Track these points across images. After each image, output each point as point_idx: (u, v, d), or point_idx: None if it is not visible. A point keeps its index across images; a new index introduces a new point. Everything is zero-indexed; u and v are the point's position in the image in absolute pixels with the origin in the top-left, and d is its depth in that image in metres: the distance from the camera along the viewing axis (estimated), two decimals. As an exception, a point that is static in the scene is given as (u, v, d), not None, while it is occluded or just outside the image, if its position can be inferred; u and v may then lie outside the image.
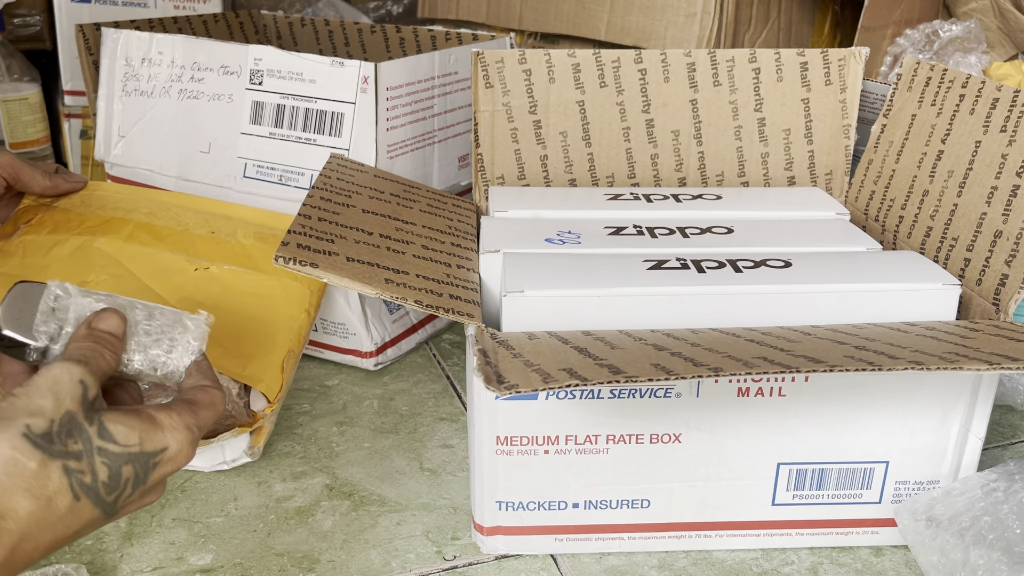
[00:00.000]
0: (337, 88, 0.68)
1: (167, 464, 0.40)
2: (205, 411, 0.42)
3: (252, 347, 0.60)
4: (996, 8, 0.97)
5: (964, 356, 0.43)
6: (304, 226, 0.50)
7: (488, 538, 0.53)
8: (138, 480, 0.38)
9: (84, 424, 0.37)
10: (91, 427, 0.37)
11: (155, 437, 0.39)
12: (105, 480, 0.37)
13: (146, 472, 0.39)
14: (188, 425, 0.41)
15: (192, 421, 0.41)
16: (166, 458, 0.39)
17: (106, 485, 0.37)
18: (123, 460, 0.38)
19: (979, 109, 0.58)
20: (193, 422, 0.41)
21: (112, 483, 0.37)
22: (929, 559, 0.49)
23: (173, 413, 0.40)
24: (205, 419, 0.42)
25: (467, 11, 1.11)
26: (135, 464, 0.38)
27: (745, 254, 0.56)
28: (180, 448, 0.40)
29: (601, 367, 0.42)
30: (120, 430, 0.38)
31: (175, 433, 0.40)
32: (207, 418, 0.42)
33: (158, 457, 0.39)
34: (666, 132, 0.71)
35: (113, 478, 0.37)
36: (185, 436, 0.40)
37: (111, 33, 0.77)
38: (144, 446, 0.39)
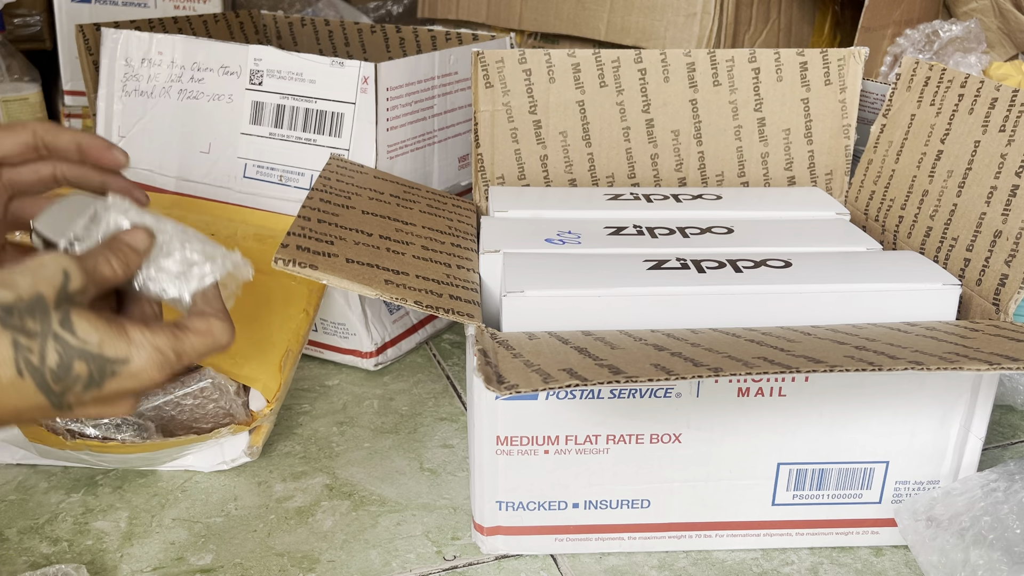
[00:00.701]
0: (337, 88, 0.68)
1: (127, 378, 0.38)
2: (193, 338, 0.40)
3: (250, 347, 0.60)
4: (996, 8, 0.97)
5: (964, 356, 0.43)
6: (303, 227, 0.50)
7: (488, 538, 0.53)
8: (91, 382, 0.37)
9: (50, 309, 0.36)
10: (55, 313, 0.36)
11: (117, 345, 0.37)
12: (53, 367, 0.36)
13: (101, 376, 0.37)
14: (159, 347, 0.39)
15: (167, 344, 0.39)
16: (126, 371, 0.38)
17: (54, 373, 0.36)
18: (76, 354, 0.36)
19: (978, 109, 0.58)
20: (168, 345, 0.39)
21: (60, 373, 0.36)
22: (929, 559, 0.49)
23: (147, 331, 0.39)
24: (191, 347, 0.40)
25: (467, 11, 1.11)
26: (89, 363, 0.37)
27: (745, 254, 0.56)
28: (144, 367, 0.38)
29: (601, 367, 0.42)
30: (83, 325, 0.37)
31: (141, 349, 0.38)
32: (194, 346, 0.40)
33: (117, 367, 0.37)
34: (666, 132, 0.71)
35: (62, 368, 0.36)
36: (151, 356, 0.38)
37: (111, 33, 0.77)
38: (103, 349, 0.37)
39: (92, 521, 0.56)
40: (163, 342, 0.39)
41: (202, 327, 0.41)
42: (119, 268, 0.41)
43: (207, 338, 0.41)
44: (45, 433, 0.54)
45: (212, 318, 0.42)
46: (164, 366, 0.39)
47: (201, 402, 0.59)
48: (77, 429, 0.57)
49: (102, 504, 0.57)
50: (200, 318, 0.42)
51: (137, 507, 0.57)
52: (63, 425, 0.57)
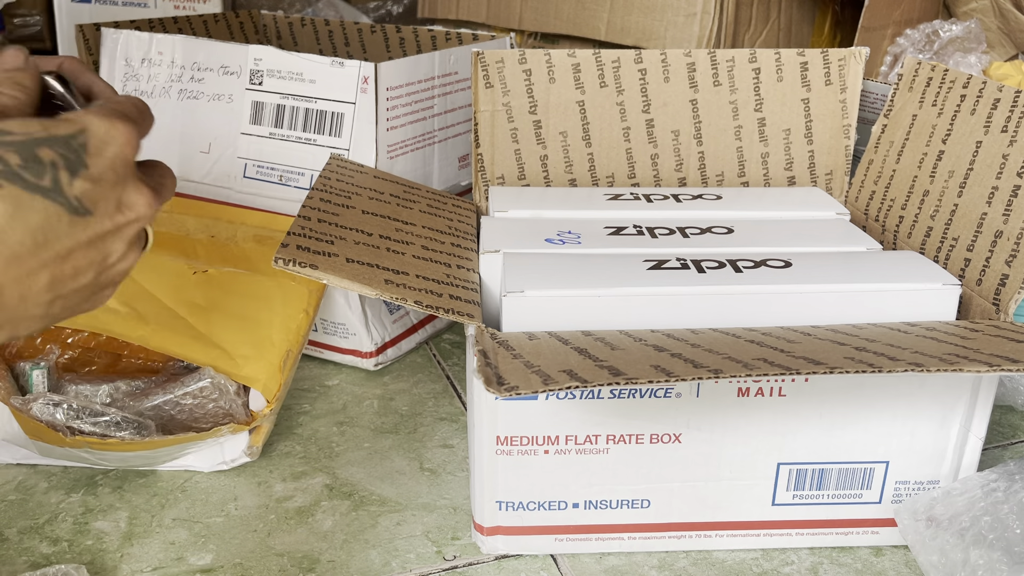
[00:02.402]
0: (337, 88, 0.68)
1: (106, 146, 0.34)
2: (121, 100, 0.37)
3: (249, 348, 0.60)
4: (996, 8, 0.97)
5: (964, 357, 0.43)
6: (304, 227, 0.50)
7: (488, 538, 0.53)
8: (71, 163, 0.33)
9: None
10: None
11: (61, 125, 0.34)
12: (19, 162, 0.32)
13: (76, 154, 0.33)
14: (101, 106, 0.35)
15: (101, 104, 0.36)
16: (94, 137, 0.34)
17: (25, 168, 0.32)
18: (32, 144, 0.32)
19: (980, 109, 0.58)
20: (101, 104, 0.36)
21: (31, 165, 0.32)
22: (929, 559, 0.49)
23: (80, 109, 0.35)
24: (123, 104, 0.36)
25: (467, 11, 1.11)
26: (52, 147, 0.33)
27: (745, 254, 0.56)
28: (105, 127, 0.34)
29: (601, 368, 0.42)
30: (13, 124, 0.33)
31: (88, 116, 0.34)
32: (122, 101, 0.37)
33: (80, 138, 0.34)
34: (666, 132, 0.71)
35: (29, 160, 0.32)
36: (100, 115, 0.35)
37: (111, 33, 0.77)
38: (51, 131, 0.33)
39: (92, 521, 0.56)
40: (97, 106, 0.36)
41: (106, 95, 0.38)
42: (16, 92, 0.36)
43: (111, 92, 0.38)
44: (45, 430, 0.54)
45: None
46: (125, 116, 0.35)
47: (201, 402, 0.59)
48: (76, 426, 0.57)
49: (102, 504, 0.57)
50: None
51: (137, 507, 0.57)
52: (63, 422, 0.57)
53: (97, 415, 0.57)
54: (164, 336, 0.60)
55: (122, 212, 0.35)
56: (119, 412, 0.57)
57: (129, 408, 0.59)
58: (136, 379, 0.63)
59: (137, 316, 0.60)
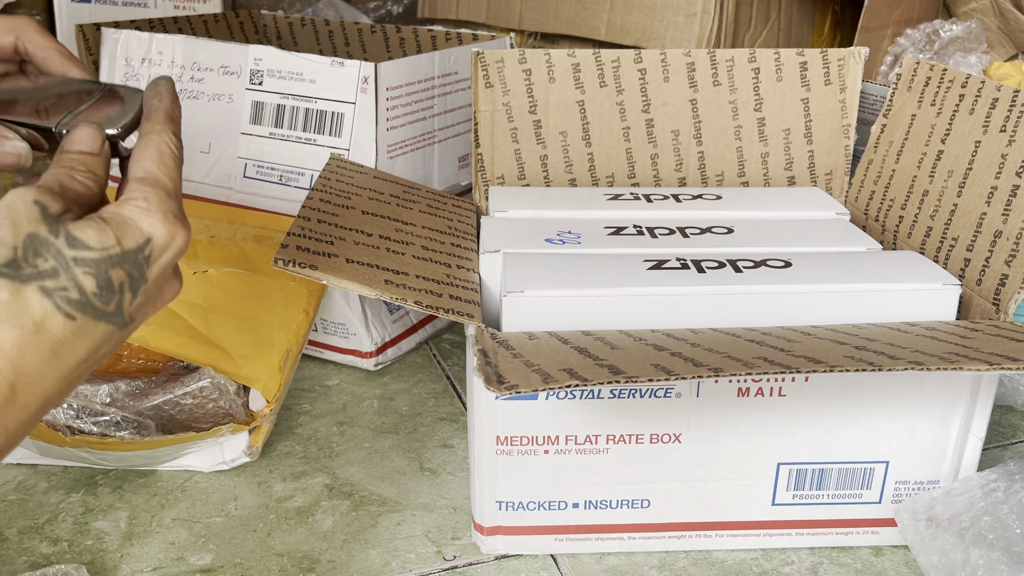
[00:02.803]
0: (337, 88, 0.68)
1: (163, 253, 0.36)
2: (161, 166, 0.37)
3: (249, 348, 0.60)
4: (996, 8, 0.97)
5: (964, 356, 0.43)
6: (303, 228, 0.50)
7: (488, 538, 0.53)
8: (135, 281, 0.35)
9: (50, 239, 0.33)
10: (58, 239, 0.33)
11: (131, 232, 0.35)
12: (95, 291, 0.33)
13: (140, 270, 0.35)
14: (159, 203, 0.36)
15: (155, 195, 0.36)
16: (157, 247, 0.35)
17: (98, 296, 0.34)
18: (107, 264, 0.34)
19: (979, 109, 0.58)
20: (156, 196, 0.36)
21: (104, 292, 0.34)
22: (929, 559, 0.49)
23: (137, 199, 0.36)
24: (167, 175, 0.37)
25: (467, 11, 1.11)
26: (123, 266, 0.34)
27: (745, 254, 0.56)
28: (168, 231, 0.36)
29: (601, 367, 0.42)
30: (91, 234, 0.34)
31: (149, 218, 0.35)
32: (168, 171, 0.37)
33: (146, 251, 0.35)
34: (666, 132, 0.71)
35: (103, 287, 0.34)
36: (163, 217, 0.36)
37: (111, 33, 0.77)
38: (124, 244, 0.34)
39: (92, 521, 0.56)
40: (151, 194, 0.36)
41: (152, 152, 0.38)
42: (84, 179, 0.37)
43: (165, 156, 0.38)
44: (44, 430, 0.54)
45: (151, 134, 0.39)
46: (178, 215, 0.36)
47: (200, 402, 0.59)
48: (76, 426, 0.57)
49: (102, 504, 0.57)
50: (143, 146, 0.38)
51: (137, 507, 0.57)
52: (62, 422, 0.57)
53: (97, 415, 0.57)
54: (164, 336, 0.60)
55: (155, 307, 0.38)
56: (119, 412, 0.57)
57: (129, 408, 0.59)
58: (136, 379, 0.63)
59: (137, 316, 0.60)
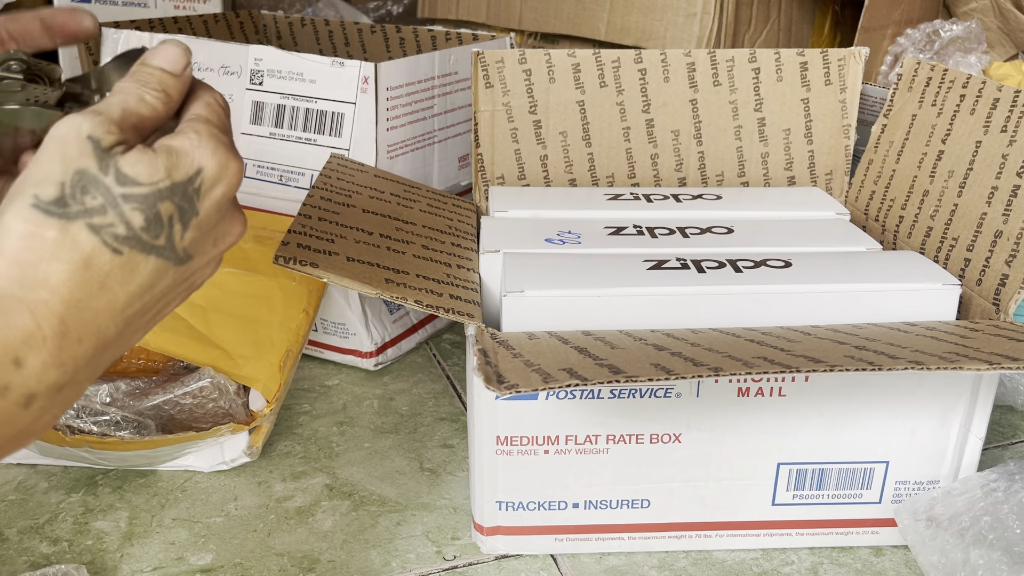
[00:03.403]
0: (337, 88, 0.68)
1: (216, 185, 0.34)
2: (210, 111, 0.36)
3: (249, 348, 0.60)
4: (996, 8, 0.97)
5: (964, 356, 0.43)
6: (304, 226, 0.50)
7: (488, 538, 0.53)
8: (185, 213, 0.34)
9: (99, 176, 0.32)
10: (107, 176, 0.32)
11: (182, 163, 0.34)
12: (142, 225, 0.33)
13: (191, 203, 0.34)
14: (209, 136, 0.35)
15: (206, 129, 0.35)
16: (208, 178, 0.34)
17: (146, 230, 0.33)
18: (156, 198, 0.33)
19: (979, 109, 0.58)
20: (207, 130, 0.35)
21: (152, 227, 0.33)
22: (929, 559, 0.49)
23: (188, 132, 0.35)
24: (217, 116, 0.36)
25: (467, 11, 1.11)
26: (173, 199, 0.33)
27: (745, 254, 0.56)
28: (219, 162, 0.34)
29: (601, 367, 0.42)
30: (140, 169, 0.33)
31: (201, 150, 0.34)
32: (218, 115, 0.36)
33: (196, 182, 0.34)
34: (666, 132, 0.71)
35: (151, 220, 0.33)
36: (214, 148, 0.34)
37: (111, 33, 0.77)
38: (174, 176, 0.33)
39: (92, 521, 0.56)
40: (203, 128, 0.35)
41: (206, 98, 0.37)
42: (154, 100, 0.35)
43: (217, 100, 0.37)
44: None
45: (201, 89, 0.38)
46: (230, 148, 0.35)
47: (200, 401, 0.59)
48: (76, 425, 0.57)
49: (102, 504, 0.57)
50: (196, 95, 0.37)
51: (137, 507, 0.57)
52: (63, 421, 0.57)
53: (97, 414, 0.57)
54: (164, 337, 0.60)
55: (217, 245, 0.36)
56: (119, 411, 0.57)
57: (129, 408, 0.59)
58: (136, 379, 0.63)
59: (137, 316, 0.60)
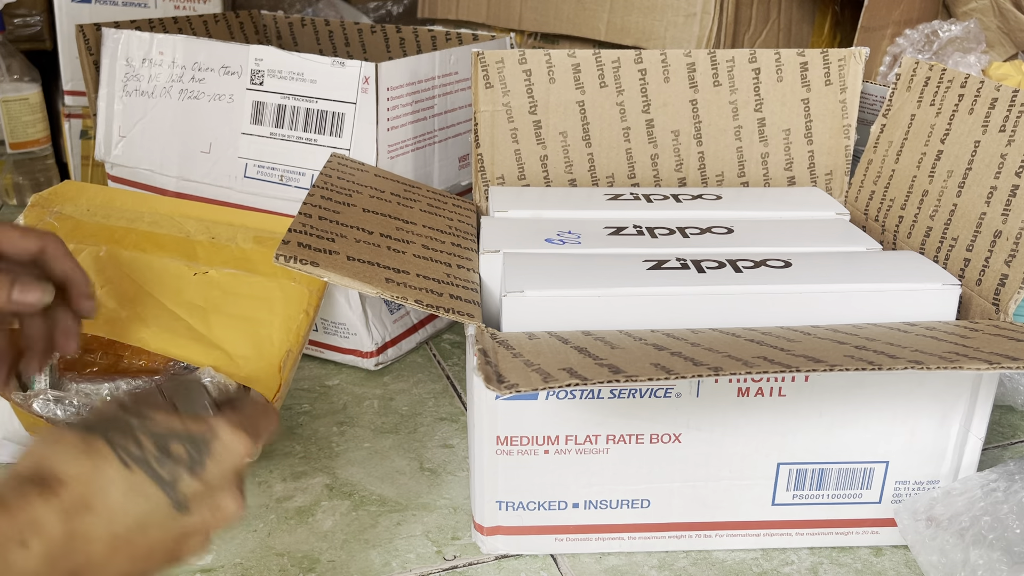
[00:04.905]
0: (338, 88, 0.68)
1: (224, 454, 0.38)
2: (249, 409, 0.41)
3: (249, 348, 0.60)
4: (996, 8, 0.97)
5: (964, 356, 0.43)
6: (305, 225, 0.50)
7: (488, 538, 0.53)
8: (193, 462, 0.37)
9: (123, 415, 0.37)
10: (130, 418, 0.37)
11: (198, 426, 0.38)
12: (154, 452, 0.36)
13: (200, 453, 0.37)
14: (230, 420, 0.39)
15: (234, 418, 0.39)
16: (219, 447, 0.38)
17: (157, 458, 0.36)
18: (169, 438, 0.37)
19: (978, 109, 0.58)
20: (235, 419, 0.39)
21: (162, 457, 0.36)
22: (929, 559, 0.49)
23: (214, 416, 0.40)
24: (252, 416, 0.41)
25: (467, 11, 1.11)
26: (184, 443, 0.37)
27: (745, 254, 0.56)
28: (233, 437, 0.38)
29: (601, 367, 0.42)
30: (160, 418, 0.38)
31: (218, 424, 0.38)
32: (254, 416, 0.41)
33: (209, 441, 0.38)
34: (666, 132, 0.71)
35: (162, 451, 0.36)
36: (232, 427, 0.39)
37: (111, 33, 0.77)
38: (189, 430, 0.38)
39: (92, 521, 0.56)
40: (230, 416, 0.39)
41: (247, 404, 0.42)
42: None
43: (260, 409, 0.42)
44: (44, 424, 0.54)
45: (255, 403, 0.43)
46: (247, 431, 0.39)
47: (201, 402, 0.59)
48: (77, 429, 0.57)
49: (102, 504, 0.57)
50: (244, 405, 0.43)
51: (137, 507, 0.57)
52: (63, 419, 0.57)
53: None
54: (165, 338, 0.60)
55: (213, 514, 0.38)
56: None
57: (129, 408, 0.58)
58: (137, 378, 0.63)
59: (138, 318, 0.60)
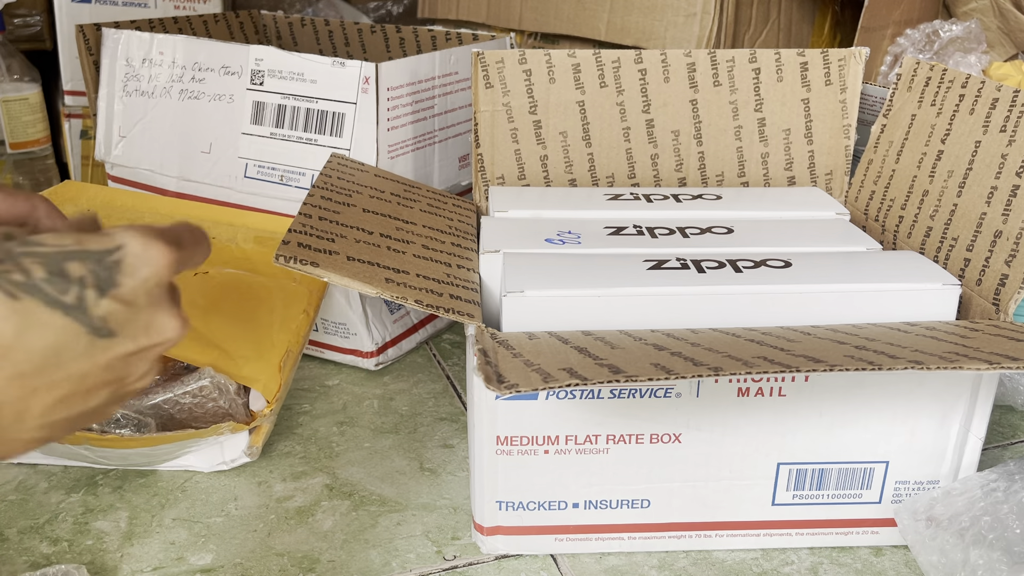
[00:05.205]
0: (338, 88, 0.68)
1: (141, 264, 0.32)
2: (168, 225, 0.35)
3: (249, 348, 0.60)
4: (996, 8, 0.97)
5: (964, 356, 0.43)
6: (305, 225, 0.50)
7: (488, 538, 0.53)
8: (101, 281, 0.32)
9: (2, 243, 0.31)
10: (9, 242, 0.31)
11: (96, 238, 0.32)
12: (44, 276, 0.31)
13: (108, 272, 0.32)
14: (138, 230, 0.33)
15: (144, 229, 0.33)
16: (130, 255, 0.32)
17: (48, 281, 0.31)
18: (62, 257, 0.31)
19: (979, 109, 0.58)
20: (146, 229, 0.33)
21: (57, 280, 0.31)
22: (929, 559, 0.49)
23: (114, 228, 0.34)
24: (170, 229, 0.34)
25: (467, 11, 1.11)
26: (83, 261, 0.31)
27: (745, 254, 0.56)
28: (145, 247, 0.32)
29: (601, 367, 0.42)
30: (47, 237, 0.32)
31: (124, 232, 0.33)
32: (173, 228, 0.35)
33: (115, 256, 0.32)
34: (666, 132, 0.71)
35: (56, 275, 0.31)
36: (139, 233, 0.33)
37: (111, 33, 0.77)
38: (85, 245, 0.32)
39: (92, 521, 0.56)
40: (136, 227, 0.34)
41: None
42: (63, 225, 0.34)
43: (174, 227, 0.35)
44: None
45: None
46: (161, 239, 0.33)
47: (200, 401, 0.59)
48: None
49: (102, 504, 0.57)
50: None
51: (137, 507, 0.57)
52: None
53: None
54: (164, 336, 0.60)
55: (149, 335, 0.34)
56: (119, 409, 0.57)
57: (129, 405, 0.59)
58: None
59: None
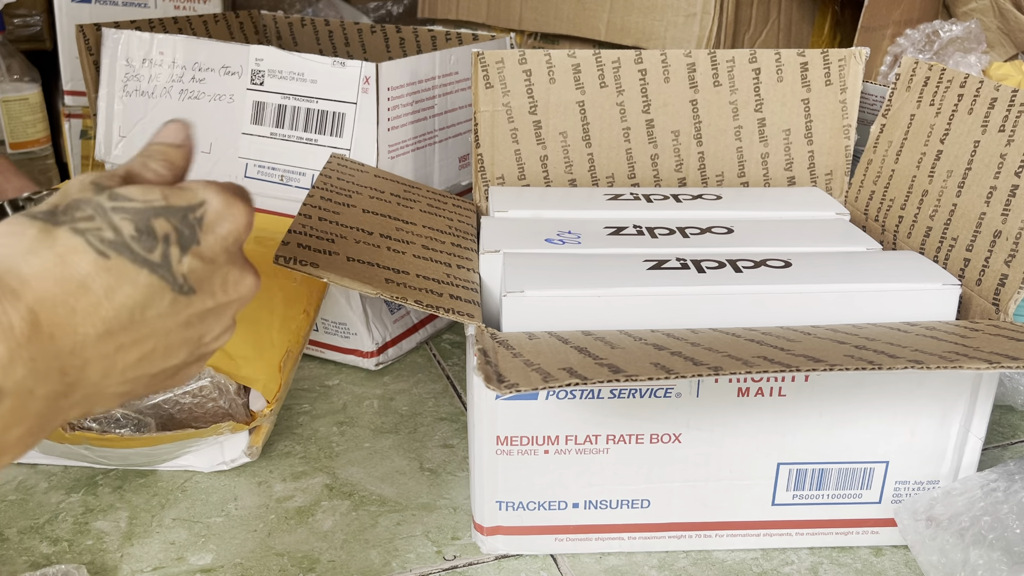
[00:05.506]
0: (338, 88, 0.68)
1: (221, 221, 0.33)
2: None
3: (249, 348, 0.60)
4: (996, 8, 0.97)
5: (964, 355, 0.43)
6: (304, 226, 0.50)
7: (488, 538, 0.53)
8: (184, 238, 0.32)
9: (92, 196, 0.31)
10: (100, 195, 0.31)
11: (182, 194, 0.32)
12: (132, 233, 0.31)
13: (191, 229, 0.32)
14: (217, 185, 0.33)
15: (217, 182, 0.34)
16: (211, 211, 0.33)
17: (136, 239, 0.31)
18: (149, 214, 0.31)
19: (978, 109, 0.58)
20: (218, 182, 0.34)
21: (144, 237, 0.31)
22: (929, 559, 0.49)
23: (196, 181, 0.34)
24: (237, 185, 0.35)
25: (467, 11, 1.11)
26: (168, 218, 0.32)
27: (745, 254, 0.56)
28: (225, 202, 0.33)
29: (601, 366, 0.42)
30: (135, 191, 0.32)
31: (206, 188, 0.33)
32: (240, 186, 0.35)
33: (198, 211, 0.32)
34: (666, 132, 0.71)
35: (143, 232, 0.31)
36: (221, 190, 0.33)
37: (111, 33, 0.77)
38: (171, 200, 0.32)
39: (92, 521, 0.56)
40: (212, 182, 0.34)
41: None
42: (161, 168, 0.34)
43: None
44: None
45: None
46: (233, 192, 0.34)
47: (200, 401, 0.59)
48: (76, 422, 0.57)
49: (102, 504, 0.57)
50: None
51: (137, 507, 0.57)
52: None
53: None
54: (164, 336, 0.60)
55: (226, 292, 0.34)
56: (119, 409, 0.57)
57: (129, 405, 0.59)
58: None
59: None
